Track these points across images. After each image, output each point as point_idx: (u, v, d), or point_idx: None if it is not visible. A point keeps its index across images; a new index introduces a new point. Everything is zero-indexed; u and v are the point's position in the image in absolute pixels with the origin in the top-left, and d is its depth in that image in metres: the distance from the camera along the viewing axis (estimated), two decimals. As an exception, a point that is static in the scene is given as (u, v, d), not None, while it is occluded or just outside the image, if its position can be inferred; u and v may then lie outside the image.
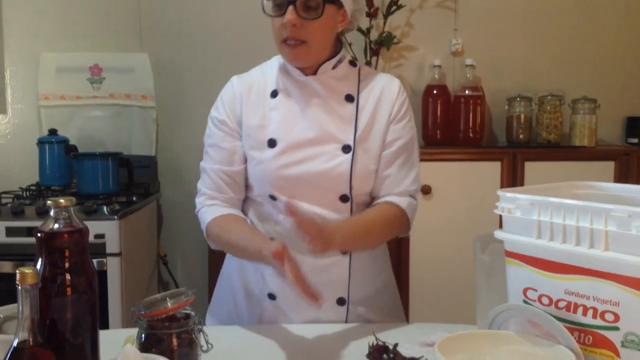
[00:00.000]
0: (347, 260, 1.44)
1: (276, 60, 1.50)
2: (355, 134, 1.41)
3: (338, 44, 1.48)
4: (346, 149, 1.40)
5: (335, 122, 1.41)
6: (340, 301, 1.45)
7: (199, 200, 1.54)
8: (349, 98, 1.43)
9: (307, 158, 1.39)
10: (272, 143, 1.41)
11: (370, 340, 1.16)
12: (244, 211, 1.52)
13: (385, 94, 1.46)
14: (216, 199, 1.50)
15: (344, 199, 1.41)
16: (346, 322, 1.45)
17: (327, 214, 1.40)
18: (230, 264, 1.57)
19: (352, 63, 1.49)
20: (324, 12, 1.34)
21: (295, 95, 1.43)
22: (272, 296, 1.45)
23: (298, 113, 1.42)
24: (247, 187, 1.50)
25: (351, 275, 1.45)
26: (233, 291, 1.54)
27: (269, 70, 1.50)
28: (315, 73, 1.43)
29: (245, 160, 1.47)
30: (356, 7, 1.47)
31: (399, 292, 1.63)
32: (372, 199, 1.48)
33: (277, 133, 1.41)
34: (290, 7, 1.31)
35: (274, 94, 1.45)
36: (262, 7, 1.36)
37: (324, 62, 1.43)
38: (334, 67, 1.45)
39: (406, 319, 1.69)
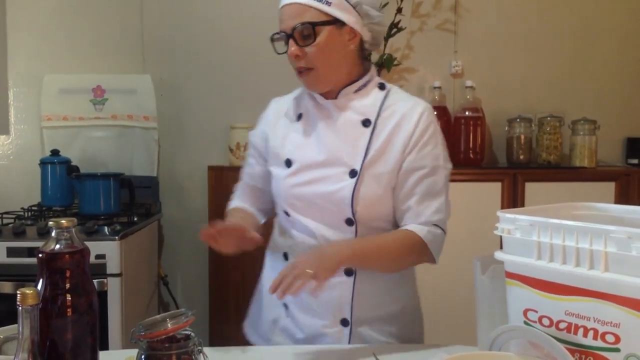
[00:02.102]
0: (350, 281, 1.45)
1: (304, 88, 1.57)
2: (364, 159, 1.42)
3: (366, 66, 1.51)
4: (352, 173, 1.41)
5: (346, 147, 1.43)
6: (344, 322, 1.46)
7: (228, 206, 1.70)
8: (366, 123, 1.44)
9: (316, 179, 1.44)
10: (288, 163, 1.49)
11: (371, 361, 1.16)
12: (274, 223, 1.63)
13: (406, 119, 1.44)
14: (240, 207, 1.67)
15: (349, 222, 1.43)
16: (349, 342, 1.45)
17: (332, 235, 1.43)
18: (263, 271, 1.68)
19: (381, 86, 1.50)
20: (317, 36, 1.38)
21: (314, 118, 1.49)
22: (285, 306, 1.51)
23: (313, 136, 1.48)
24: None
25: (354, 296, 1.45)
26: (260, 296, 1.64)
27: (301, 95, 1.57)
28: (336, 97, 1.47)
29: (269, 179, 1.57)
30: (369, 20, 1.45)
31: (421, 320, 1.62)
32: (388, 224, 1.48)
33: (293, 154, 1.49)
34: (291, 40, 1.40)
35: (299, 117, 1.53)
36: (274, 49, 1.46)
37: (346, 85, 1.46)
38: (357, 91, 1.47)
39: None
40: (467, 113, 2.89)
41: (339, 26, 1.40)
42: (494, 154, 3.08)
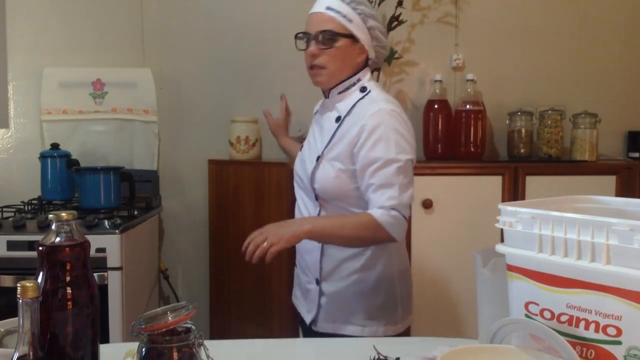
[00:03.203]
0: (319, 246, 1.76)
1: None
2: (325, 147, 1.74)
3: (361, 74, 1.78)
4: (317, 158, 1.75)
5: (321, 137, 1.79)
6: (317, 281, 1.78)
7: None
8: (338, 119, 1.75)
9: (301, 161, 1.84)
10: (301, 147, 1.91)
11: (372, 354, 1.16)
12: None
13: (359, 119, 1.68)
14: None
15: (316, 197, 1.75)
16: (320, 297, 1.75)
17: (309, 207, 1.79)
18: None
19: (363, 89, 1.76)
20: (336, 43, 1.70)
21: (318, 113, 1.88)
22: (296, 265, 1.91)
23: (313, 128, 1.87)
24: None
25: (322, 259, 1.76)
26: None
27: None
28: (328, 97, 1.80)
29: None
30: (377, 43, 1.77)
31: (394, 289, 1.81)
32: (348, 204, 1.73)
33: (304, 141, 1.91)
34: (313, 41, 1.72)
35: (316, 113, 1.93)
36: (295, 44, 1.77)
37: (332, 87, 1.77)
38: (341, 92, 1.77)
39: (408, 332, 1.73)
40: (468, 106, 2.88)
41: (353, 41, 1.72)
42: (495, 148, 3.08)
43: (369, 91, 1.75)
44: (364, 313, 1.73)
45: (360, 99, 1.74)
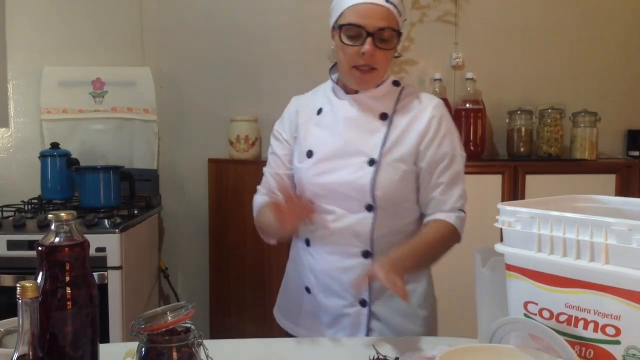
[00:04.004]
0: (369, 264, 1.51)
1: (326, 84, 1.66)
2: (382, 150, 1.51)
3: None
4: (371, 162, 1.51)
5: (365, 138, 1.53)
6: (363, 303, 1.55)
7: (255, 197, 1.70)
8: (383, 116, 1.55)
9: (336, 169, 1.53)
10: (310, 154, 1.57)
11: (372, 354, 1.16)
12: None
13: (420, 115, 1.54)
14: (267, 196, 1.66)
15: (369, 208, 1.52)
16: (369, 322, 1.53)
17: (353, 220, 1.53)
18: (290, 263, 1.75)
19: (396, 83, 1.60)
20: (394, 43, 1.50)
21: (335, 112, 1.58)
22: (308, 290, 1.61)
23: (334, 128, 1.57)
24: None
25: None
26: (285, 286, 1.75)
27: (321, 92, 1.66)
28: (356, 92, 1.57)
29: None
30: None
31: (434, 304, 1.72)
32: (405, 210, 1.57)
33: (315, 145, 1.57)
34: (370, 39, 1.45)
35: (320, 111, 1.61)
36: (339, 37, 1.48)
37: None
38: (375, 87, 1.56)
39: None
40: (467, 105, 2.88)
41: (399, 36, 1.52)
42: (495, 147, 3.08)
43: (403, 85, 1.61)
44: (414, 327, 1.59)
45: (400, 93, 1.58)
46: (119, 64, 2.98)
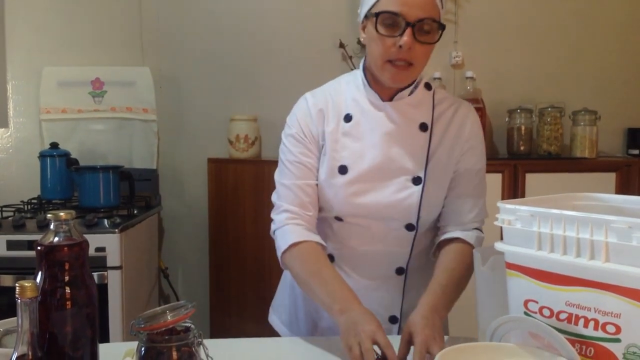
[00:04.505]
0: (402, 279, 1.46)
1: (349, 82, 1.47)
2: (426, 165, 1.39)
3: None
4: (416, 180, 1.39)
5: (406, 152, 1.39)
6: (393, 319, 1.47)
7: (279, 217, 1.43)
8: (423, 127, 1.41)
9: (377, 188, 1.39)
10: (343, 170, 1.40)
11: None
12: None
13: (457, 121, 1.43)
14: (299, 217, 1.42)
15: (409, 227, 1.41)
16: (404, 293, 1.47)
17: (391, 238, 1.42)
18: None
19: (428, 86, 1.46)
20: (435, 36, 1.35)
21: (370, 121, 1.40)
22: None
23: (370, 141, 1.39)
24: None
25: (405, 293, 1.46)
26: (294, 295, 1.57)
27: (343, 91, 1.46)
28: (391, 99, 1.41)
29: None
30: None
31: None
32: (435, 224, 1.47)
33: (348, 160, 1.40)
34: (409, 30, 1.29)
35: (348, 118, 1.42)
36: (374, 26, 1.32)
37: (402, 88, 1.40)
38: (411, 94, 1.41)
39: None
40: (467, 104, 2.88)
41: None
42: (495, 145, 3.07)
43: (434, 88, 1.47)
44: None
45: (434, 98, 1.45)
46: (118, 64, 2.98)
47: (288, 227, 1.40)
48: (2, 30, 2.87)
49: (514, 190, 2.67)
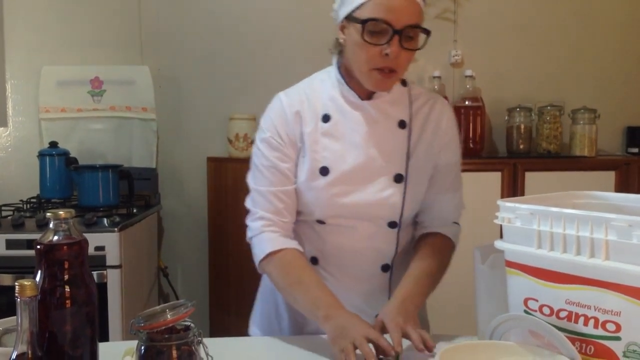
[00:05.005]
0: (387, 276, 1.46)
1: (323, 80, 1.45)
2: (407, 163, 1.39)
3: None
4: (398, 178, 1.39)
5: (387, 151, 1.39)
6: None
7: (255, 224, 1.41)
8: (402, 124, 1.40)
9: (359, 188, 1.38)
10: (324, 171, 1.38)
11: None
12: None
13: (434, 117, 1.43)
14: (275, 224, 1.40)
15: (392, 225, 1.42)
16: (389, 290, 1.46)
17: (374, 237, 1.42)
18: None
19: (403, 82, 1.45)
20: (419, 43, 1.33)
21: (349, 121, 1.39)
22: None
23: (350, 141, 1.38)
24: None
25: (391, 290, 1.44)
26: (276, 304, 1.54)
27: (318, 90, 1.44)
28: (369, 97, 1.40)
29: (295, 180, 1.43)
30: None
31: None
32: (414, 219, 1.48)
33: (329, 161, 1.38)
34: (396, 38, 1.27)
35: (326, 118, 1.40)
36: (360, 33, 1.28)
37: None
38: (389, 91, 1.40)
39: None
40: (466, 103, 2.88)
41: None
42: (494, 144, 3.07)
43: (409, 83, 1.47)
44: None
45: (409, 94, 1.44)
46: (117, 63, 2.98)
47: (265, 235, 1.39)
48: (1, 30, 2.87)
49: (513, 189, 2.67)
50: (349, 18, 1.31)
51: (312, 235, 1.45)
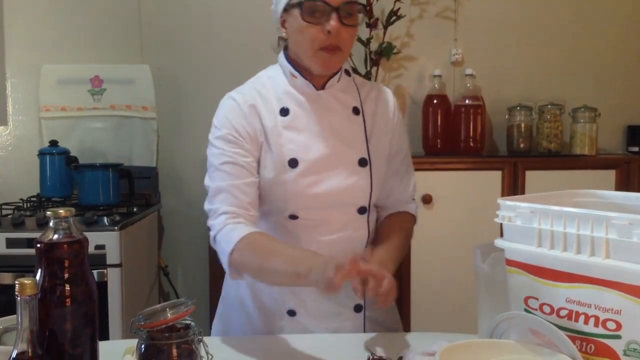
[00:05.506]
0: None
1: (271, 77, 1.48)
2: (368, 147, 1.44)
3: None
4: (362, 162, 1.42)
5: (348, 137, 1.42)
6: (357, 308, 1.47)
7: (218, 220, 1.35)
8: (356, 110, 1.45)
9: (328, 176, 1.39)
10: (293, 163, 1.38)
11: (371, 353, 1.15)
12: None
13: (382, 104, 1.50)
14: (240, 216, 1.35)
15: (361, 210, 1.44)
16: (364, 330, 1.47)
17: (346, 227, 1.43)
18: (239, 287, 1.52)
19: (347, 73, 1.50)
20: (358, 19, 1.37)
21: (307, 112, 1.41)
22: (291, 312, 1.45)
23: (312, 131, 1.40)
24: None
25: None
26: (247, 312, 1.51)
27: (268, 86, 1.46)
28: (323, 87, 1.43)
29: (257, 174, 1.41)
30: None
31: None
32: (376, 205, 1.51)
33: (297, 153, 1.39)
34: (335, 14, 1.31)
35: (284, 111, 1.41)
36: (300, 14, 1.33)
37: (331, 76, 1.44)
38: (339, 80, 1.45)
39: (408, 328, 1.71)
40: (467, 101, 2.88)
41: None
42: (494, 143, 3.07)
43: (351, 73, 1.52)
44: (395, 317, 1.58)
45: (355, 83, 1.49)
46: (118, 62, 2.98)
47: (229, 227, 1.32)
48: (1, 28, 2.87)
49: (513, 187, 2.67)
50: (287, 7, 1.36)
51: (285, 233, 1.43)
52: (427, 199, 2.63)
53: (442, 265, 2.68)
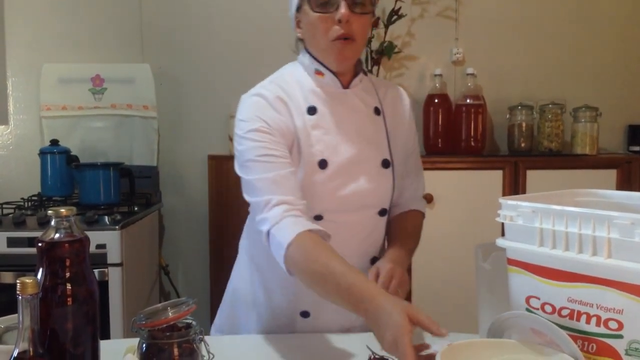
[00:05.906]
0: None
1: (292, 73, 1.43)
2: (390, 148, 1.43)
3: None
4: (385, 163, 1.41)
5: (372, 138, 1.40)
6: None
7: (275, 212, 1.24)
8: (377, 111, 1.44)
9: (355, 178, 1.36)
10: (323, 164, 1.34)
11: (370, 352, 1.15)
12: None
13: (398, 104, 1.49)
14: (297, 207, 1.25)
15: (382, 212, 1.43)
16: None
17: (366, 228, 1.42)
18: (253, 284, 1.50)
19: (364, 72, 1.47)
20: (370, 8, 1.35)
21: (334, 111, 1.38)
22: (305, 314, 1.44)
23: (340, 131, 1.36)
24: None
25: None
26: (258, 311, 1.49)
27: (291, 83, 1.40)
28: (348, 86, 1.41)
29: None
30: None
31: None
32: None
33: (326, 153, 1.34)
34: (344, 2, 1.29)
35: (312, 110, 1.36)
36: (311, 10, 1.33)
37: (354, 75, 1.42)
38: (361, 80, 1.44)
39: None
40: (468, 101, 2.88)
41: (373, 14, 1.39)
42: (495, 142, 3.07)
43: (367, 72, 1.50)
44: None
45: (371, 82, 1.48)
46: (118, 61, 2.98)
47: (288, 220, 1.22)
48: (2, 27, 2.87)
49: (514, 187, 2.67)
50: (299, 6, 1.37)
51: None
52: (428, 199, 2.63)
53: (443, 265, 2.68)
